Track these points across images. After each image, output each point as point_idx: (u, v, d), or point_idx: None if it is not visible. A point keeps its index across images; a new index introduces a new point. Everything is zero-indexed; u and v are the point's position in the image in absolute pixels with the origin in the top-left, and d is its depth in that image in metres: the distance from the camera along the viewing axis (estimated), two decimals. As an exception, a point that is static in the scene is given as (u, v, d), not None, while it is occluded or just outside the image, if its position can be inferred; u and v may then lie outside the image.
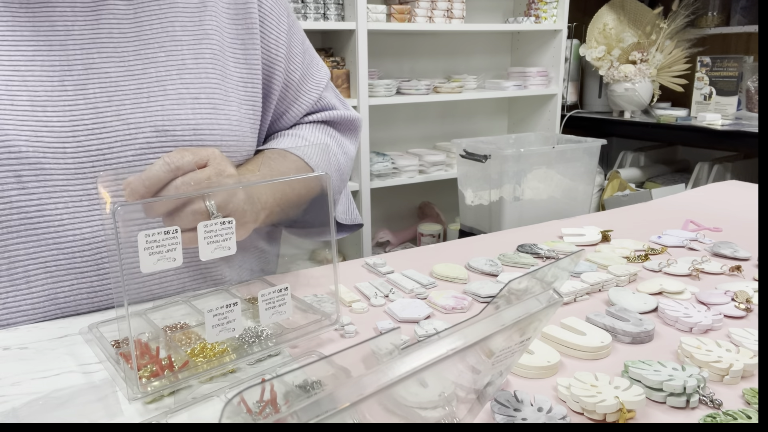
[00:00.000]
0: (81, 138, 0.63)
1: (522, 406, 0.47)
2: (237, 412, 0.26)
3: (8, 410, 0.47)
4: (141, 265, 0.45)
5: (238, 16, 0.73)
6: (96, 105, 0.64)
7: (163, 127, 0.65)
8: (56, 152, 0.62)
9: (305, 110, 0.83)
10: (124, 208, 0.45)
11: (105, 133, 0.63)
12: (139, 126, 0.64)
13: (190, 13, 0.70)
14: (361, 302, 0.68)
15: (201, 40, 0.70)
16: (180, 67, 0.68)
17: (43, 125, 0.61)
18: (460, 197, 2.36)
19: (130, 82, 0.65)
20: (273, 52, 0.77)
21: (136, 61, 0.66)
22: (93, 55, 0.64)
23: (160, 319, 0.62)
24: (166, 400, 0.49)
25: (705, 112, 2.67)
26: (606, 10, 2.90)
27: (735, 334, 0.59)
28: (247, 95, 0.74)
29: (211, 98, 0.69)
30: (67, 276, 0.64)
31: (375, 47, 2.51)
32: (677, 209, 1.09)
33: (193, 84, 0.68)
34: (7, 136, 0.60)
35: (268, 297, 0.53)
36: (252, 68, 0.74)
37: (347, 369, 0.29)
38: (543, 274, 0.38)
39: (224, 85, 0.71)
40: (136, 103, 0.65)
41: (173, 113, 0.66)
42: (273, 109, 0.80)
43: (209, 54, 0.70)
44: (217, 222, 0.49)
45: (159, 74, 0.67)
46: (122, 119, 0.64)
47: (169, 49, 0.68)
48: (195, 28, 0.70)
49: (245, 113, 0.73)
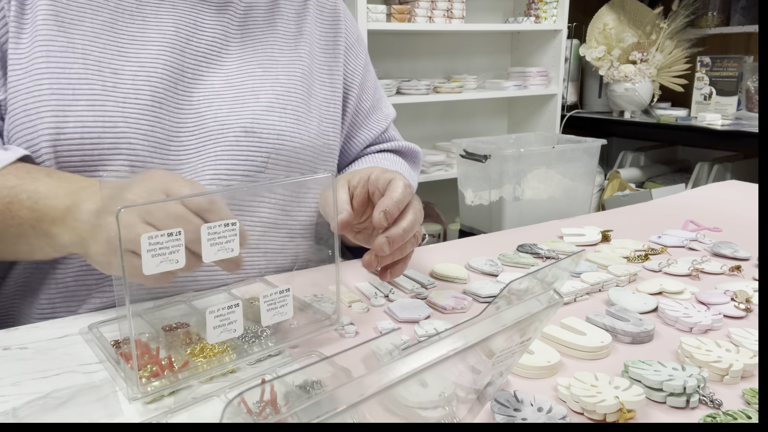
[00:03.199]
0: (183, 137, 0.70)
1: (522, 406, 0.47)
2: (237, 412, 0.26)
3: (8, 410, 0.47)
4: (144, 267, 0.45)
5: (328, 45, 0.86)
6: (198, 109, 0.72)
7: (252, 128, 0.73)
8: (162, 149, 0.68)
9: (372, 137, 0.93)
10: (127, 210, 0.45)
11: (203, 133, 0.71)
12: (230, 126, 0.72)
13: (288, 39, 0.82)
14: (361, 302, 0.68)
15: (294, 61, 0.80)
16: (273, 81, 0.77)
17: (157, 122, 0.68)
18: (460, 197, 2.36)
19: (230, 92, 0.74)
20: (350, 79, 0.89)
21: (236, 74, 0.75)
22: (201, 67, 0.73)
23: (160, 319, 0.62)
24: (166, 400, 0.49)
25: (705, 112, 2.67)
26: (606, 10, 2.90)
27: (735, 334, 0.59)
28: (329, 113, 0.83)
29: (296, 110, 0.78)
30: None
31: (375, 47, 2.51)
32: (677, 209, 1.09)
33: (283, 96, 0.77)
34: (128, 129, 0.66)
35: (269, 298, 0.53)
36: (335, 90, 0.85)
37: (348, 369, 0.29)
38: (543, 275, 0.38)
39: (308, 102, 0.80)
40: (231, 109, 0.73)
41: (262, 118, 0.74)
42: (345, 130, 0.90)
43: (299, 74, 0.80)
44: (221, 224, 0.49)
45: (254, 85, 0.76)
46: (219, 121, 0.72)
47: (266, 67, 0.78)
48: (290, 52, 0.81)
49: (325, 129, 0.82)
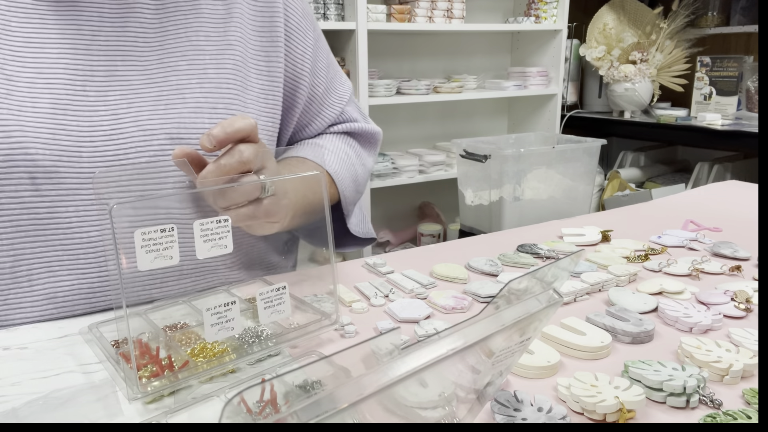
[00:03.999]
0: (98, 144, 0.63)
1: (522, 406, 0.47)
2: (237, 412, 0.26)
3: (8, 410, 0.47)
4: (138, 263, 0.46)
5: (263, 28, 0.74)
6: (116, 112, 0.64)
7: (178, 134, 0.65)
8: (72, 156, 0.62)
9: (328, 123, 0.85)
10: (119, 206, 0.45)
11: (121, 140, 0.64)
12: (154, 132, 0.65)
13: (215, 23, 0.71)
14: (361, 302, 0.68)
15: (224, 50, 0.70)
16: (201, 76, 0.68)
17: (62, 129, 0.61)
18: (460, 197, 2.36)
19: (151, 89, 0.66)
20: (299, 66, 0.78)
21: (157, 69, 0.67)
22: (116, 62, 0.65)
23: (160, 319, 0.62)
24: (166, 400, 0.49)
25: (705, 112, 2.67)
26: (606, 10, 2.90)
27: (735, 334, 0.59)
28: (267, 107, 0.74)
29: (229, 108, 0.69)
30: (69, 276, 0.64)
31: (375, 47, 2.51)
32: (677, 209, 1.09)
33: (212, 93, 0.69)
34: (25, 138, 0.60)
35: (266, 296, 0.53)
36: (274, 80, 0.75)
37: (347, 369, 0.29)
38: (543, 274, 0.38)
39: (244, 96, 0.71)
40: (154, 111, 0.65)
41: (189, 121, 0.66)
42: (296, 121, 0.81)
43: (231, 64, 0.70)
44: (213, 220, 0.50)
45: (179, 83, 0.67)
46: (139, 125, 0.64)
47: (192, 58, 0.68)
48: (219, 39, 0.70)
49: (263, 125, 0.73)
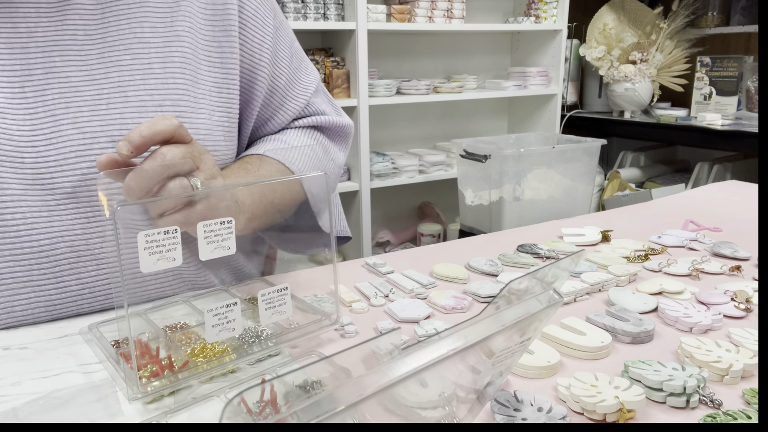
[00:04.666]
0: (40, 147, 0.59)
1: (522, 406, 0.47)
2: (237, 412, 0.26)
3: (8, 410, 0.47)
4: (141, 265, 0.46)
5: (215, 16, 0.68)
6: (54, 112, 0.59)
7: (121, 137, 0.60)
8: (14, 162, 0.58)
9: (291, 116, 0.79)
10: (124, 209, 0.45)
11: (61, 143, 0.59)
12: (95, 136, 0.60)
13: (161, 13, 0.65)
14: (361, 302, 0.68)
15: (171, 42, 0.65)
16: (145, 71, 0.63)
17: (1, 133, 0.58)
18: (460, 197, 2.36)
19: (91, 87, 0.61)
20: (256, 56, 0.71)
21: (98, 64, 0.61)
22: (54, 59, 0.60)
23: (160, 319, 0.62)
24: (166, 400, 0.49)
25: (705, 112, 2.67)
26: (606, 10, 2.90)
27: (735, 334, 0.59)
28: (221, 101, 0.68)
29: (177, 105, 0.64)
30: (24, 288, 0.61)
31: (375, 47, 2.51)
32: (677, 209, 1.09)
33: (158, 90, 0.63)
34: None
35: (267, 297, 0.53)
36: (228, 72, 0.69)
37: (347, 369, 0.29)
38: (543, 274, 0.38)
39: (194, 90, 0.66)
40: (94, 111, 0.60)
41: (133, 122, 0.61)
42: (256, 116, 0.75)
43: (179, 57, 0.65)
44: (216, 222, 0.49)
45: (122, 79, 0.62)
46: (78, 128, 0.60)
47: (136, 51, 0.63)
48: (165, 29, 0.65)
49: (217, 121, 0.68)
